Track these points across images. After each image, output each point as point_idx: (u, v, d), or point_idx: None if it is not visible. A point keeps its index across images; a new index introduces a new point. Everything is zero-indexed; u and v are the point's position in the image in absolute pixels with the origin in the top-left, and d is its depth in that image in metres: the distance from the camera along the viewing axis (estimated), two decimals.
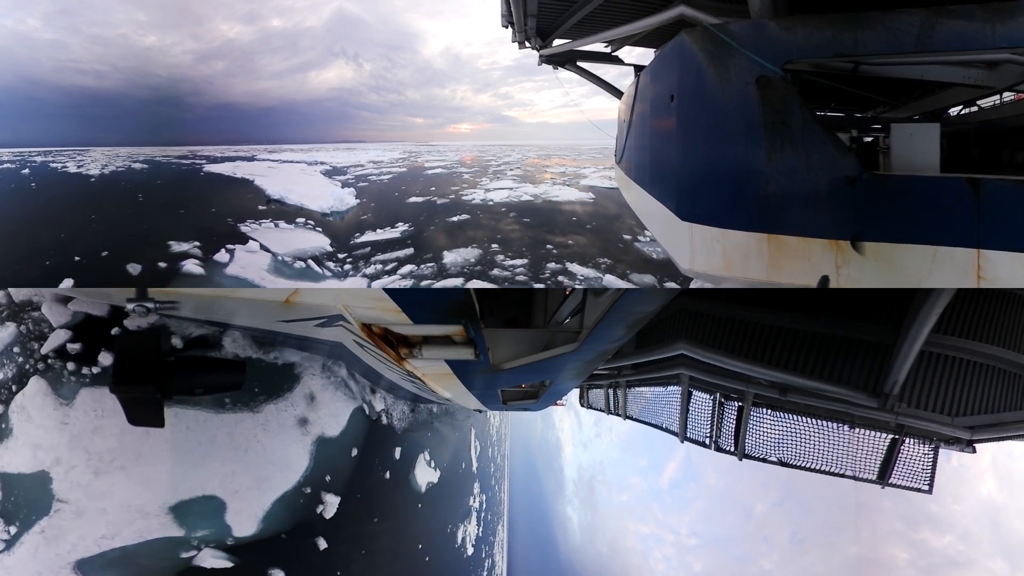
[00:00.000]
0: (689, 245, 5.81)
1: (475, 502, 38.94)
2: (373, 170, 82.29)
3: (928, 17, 4.70)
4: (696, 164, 5.77)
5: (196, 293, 6.33)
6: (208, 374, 5.47)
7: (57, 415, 16.48)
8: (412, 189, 60.18)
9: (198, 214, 38.97)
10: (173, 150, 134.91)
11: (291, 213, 41.66)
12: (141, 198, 47.78)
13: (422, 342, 6.35)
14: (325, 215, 42.47)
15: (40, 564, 16.26)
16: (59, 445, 16.32)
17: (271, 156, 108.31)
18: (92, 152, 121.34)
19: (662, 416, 12.51)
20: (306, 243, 32.45)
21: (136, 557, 17.23)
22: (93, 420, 16.63)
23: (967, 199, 4.32)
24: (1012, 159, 7.84)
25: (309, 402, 17.69)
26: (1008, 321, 8.74)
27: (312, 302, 6.17)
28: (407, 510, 24.24)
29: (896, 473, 9.44)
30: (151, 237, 31.61)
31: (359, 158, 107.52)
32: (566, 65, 12.73)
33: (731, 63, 5.11)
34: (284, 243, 31.54)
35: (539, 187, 63.49)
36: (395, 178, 72.23)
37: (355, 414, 19.78)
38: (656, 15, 7.86)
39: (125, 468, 16.66)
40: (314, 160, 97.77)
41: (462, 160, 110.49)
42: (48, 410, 16.37)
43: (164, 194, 51.06)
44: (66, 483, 16.30)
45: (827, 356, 8.63)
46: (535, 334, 8.37)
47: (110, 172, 71.42)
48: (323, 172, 74.26)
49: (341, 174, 74.13)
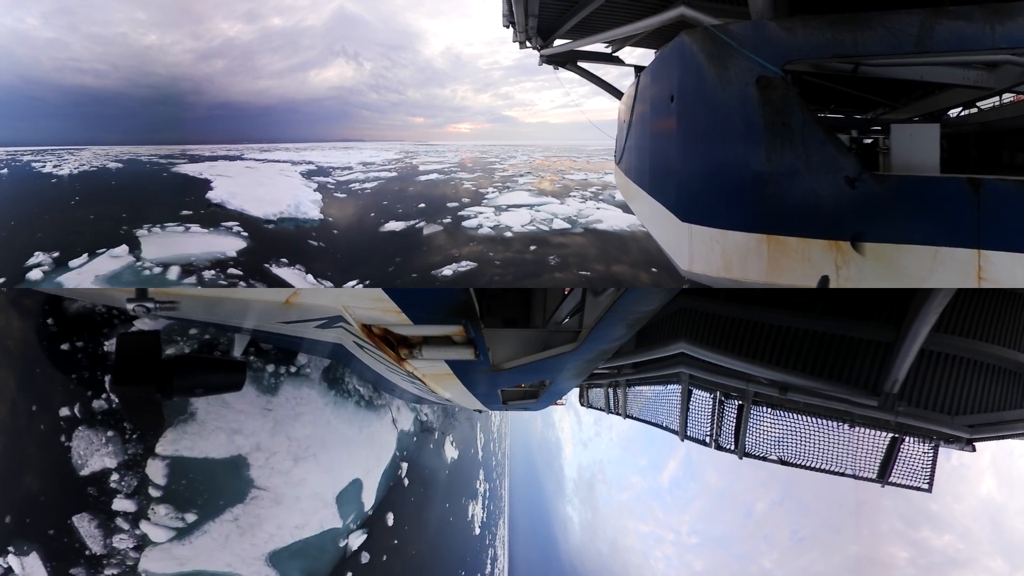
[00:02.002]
0: (689, 246, 5.82)
1: (481, 487, 43.65)
2: (360, 174, 71.26)
3: (928, 18, 4.70)
4: (696, 165, 5.77)
5: (196, 293, 6.34)
6: (209, 374, 5.46)
7: (260, 401, 17.18)
8: (396, 204, 46.57)
9: (107, 219, 34.78)
10: (166, 149, 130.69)
11: (221, 218, 36.15)
12: (75, 200, 43.92)
13: (422, 342, 6.35)
14: (270, 222, 36.71)
15: (231, 555, 16.42)
16: (261, 431, 16.86)
17: (260, 155, 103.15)
18: (86, 151, 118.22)
19: (662, 415, 12.53)
20: (201, 248, 27.85)
21: (310, 549, 18.05)
22: (295, 407, 17.79)
23: (967, 199, 4.32)
24: (1012, 160, 7.84)
25: (397, 410, 24.59)
26: (1008, 320, 8.75)
27: (312, 303, 6.17)
28: (441, 476, 31.54)
29: (896, 472, 9.45)
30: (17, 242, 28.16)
31: (351, 159, 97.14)
32: (566, 65, 12.73)
33: (731, 63, 5.11)
34: (167, 247, 27.57)
35: (567, 204, 48.14)
36: (381, 186, 59.42)
37: (416, 418, 27.54)
38: (656, 16, 7.87)
39: (316, 456, 18.03)
40: (303, 160, 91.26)
41: (462, 162, 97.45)
42: (250, 396, 17.02)
43: (106, 195, 47.13)
44: (266, 470, 16.93)
45: (827, 355, 8.64)
46: (535, 334, 8.38)
47: (79, 172, 67.46)
48: (306, 173, 68.00)
49: (324, 175, 67.73)
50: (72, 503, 14.81)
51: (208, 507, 16.39)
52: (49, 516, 14.36)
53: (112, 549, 15.35)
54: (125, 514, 15.54)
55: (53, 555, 14.32)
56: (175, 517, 15.94)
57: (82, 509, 14.92)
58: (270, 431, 17.22)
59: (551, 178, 69.05)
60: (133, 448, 15.59)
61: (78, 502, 14.90)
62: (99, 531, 15.12)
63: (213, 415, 16.47)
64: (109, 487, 15.37)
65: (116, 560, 15.34)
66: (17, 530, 13.71)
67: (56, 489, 14.56)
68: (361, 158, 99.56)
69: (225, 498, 16.63)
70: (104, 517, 15.25)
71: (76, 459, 14.70)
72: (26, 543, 13.90)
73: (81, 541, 14.87)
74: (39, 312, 14.20)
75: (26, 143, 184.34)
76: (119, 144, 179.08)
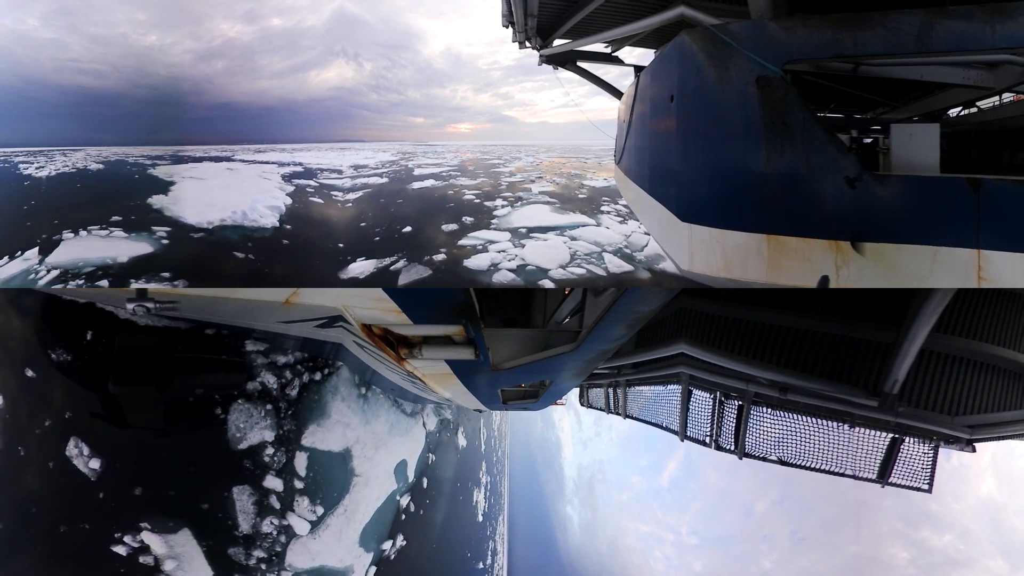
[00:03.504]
0: (689, 246, 5.82)
1: (484, 477, 45.77)
2: (349, 179, 62.13)
3: (928, 18, 4.70)
4: (696, 164, 5.77)
5: (196, 293, 6.32)
6: (209, 374, 5.47)
7: (357, 404, 19.72)
8: (375, 226, 35.23)
9: (45, 223, 32.82)
10: (160, 149, 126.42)
11: (154, 223, 33.35)
12: (30, 204, 41.09)
13: (422, 342, 6.36)
14: (202, 230, 32.72)
15: (343, 548, 18.21)
16: (358, 425, 19.51)
17: (250, 157, 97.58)
18: (80, 152, 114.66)
19: (662, 415, 12.53)
20: (103, 253, 26.02)
21: (380, 516, 21.21)
22: (374, 410, 21.05)
23: (967, 199, 4.32)
24: (1012, 160, 7.84)
25: (427, 416, 28.54)
26: (1008, 321, 8.74)
27: (312, 303, 6.17)
28: (455, 457, 35.96)
29: (896, 472, 9.44)
30: None
31: (344, 160, 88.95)
32: (566, 65, 12.74)
33: (731, 63, 5.11)
34: (76, 251, 26.13)
35: (605, 224, 34.70)
36: (362, 199, 47.33)
37: (439, 420, 31.95)
38: (656, 15, 7.88)
39: (385, 443, 21.51)
40: (293, 161, 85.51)
41: (463, 164, 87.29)
42: (352, 397, 19.54)
43: (61, 199, 44.14)
44: (361, 458, 19.55)
45: (827, 356, 8.64)
46: (535, 334, 8.38)
47: (55, 174, 64.22)
48: (289, 176, 61.96)
49: (309, 176, 61.91)
50: (229, 476, 15.39)
51: (328, 499, 17.89)
52: (204, 489, 14.79)
53: (259, 532, 15.91)
54: (276, 493, 16.30)
55: (205, 533, 14.66)
56: (311, 510, 17.17)
57: (241, 482, 15.52)
58: (364, 425, 20.04)
59: (569, 184, 57.05)
60: (288, 424, 16.58)
61: (235, 475, 15.51)
62: (253, 507, 15.68)
63: (337, 410, 18.43)
64: (263, 461, 16.01)
65: (266, 545, 15.89)
66: (160, 506, 13.87)
67: (209, 463, 15.01)
68: (355, 160, 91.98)
69: (338, 489, 18.44)
70: (259, 494, 15.89)
71: (233, 432, 15.21)
72: (172, 520, 14.11)
73: (233, 519, 15.38)
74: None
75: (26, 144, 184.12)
76: (118, 145, 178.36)
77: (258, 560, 15.81)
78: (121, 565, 13.09)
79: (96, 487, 12.61)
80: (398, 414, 22.93)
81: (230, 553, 15.17)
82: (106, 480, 12.67)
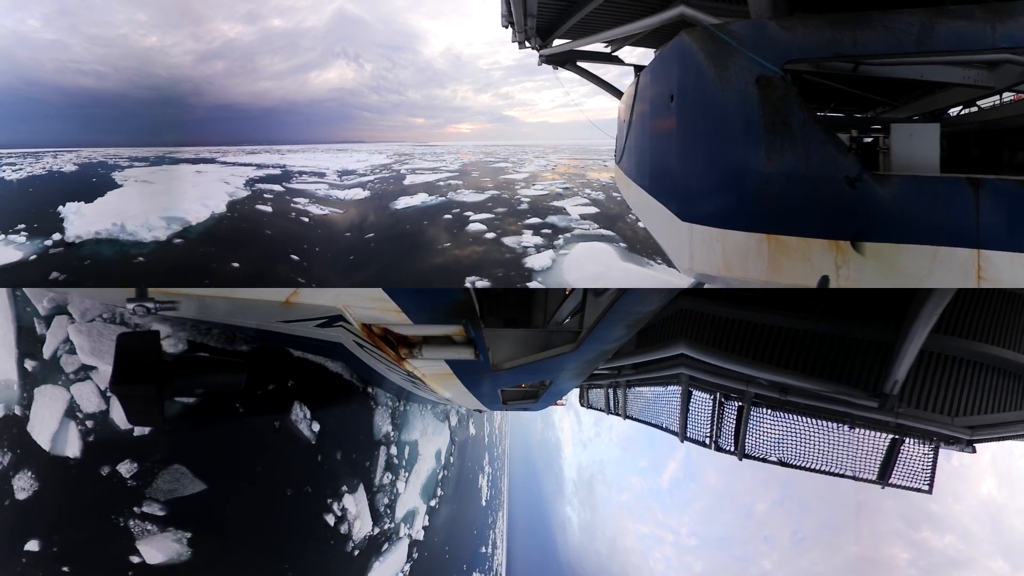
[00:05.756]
0: (689, 245, 5.81)
1: (487, 467, 49.12)
2: (326, 184, 55.90)
3: (928, 17, 4.70)
4: (696, 164, 5.77)
5: (196, 293, 6.32)
6: (209, 374, 5.47)
7: (419, 409, 27.07)
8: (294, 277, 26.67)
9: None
10: (154, 151, 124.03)
11: (52, 231, 32.07)
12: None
13: (422, 342, 6.35)
14: (69, 244, 30.29)
15: (412, 498, 25.54)
16: (419, 426, 26.67)
17: (235, 159, 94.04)
18: (72, 153, 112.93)
19: (662, 416, 12.52)
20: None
21: (428, 484, 28.02)
22: (419, 411, 27.46)
23: (967, 199, 4.32)
24: (1012, 159, 7.83)
25: (451, 416, 33.57)
26: (1008, 321, 8.73)
27: (312, 302, 6.16)
28: (467, 444, 40.78)
29: (896, 473, 9.44)
30: None
31: (333, 164, 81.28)
32: (566, 65, 12.73)
33: (731, 63, 5.10)
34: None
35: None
36: (322, 222, 38.43)
37: (459, 418, 37.20)
38: (656, 15, 7.88)
39: (430, 434, 28.02)
40: (277, 164, 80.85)
41: (464, 168, 74.90)
42: (423, 407, 27.64)
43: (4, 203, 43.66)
44: (422, 444, 27.16)
45: (827, 356, 8.63)
46: (535, 334, 8.37)
47: (26, 177, 62.25)
48: (251, 180, 57.95)
49: (278, 181, 57.70)
50: (376, 448, 21.13)
51: (409, 469, 24.48)
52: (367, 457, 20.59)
53: (382, 485, 21.70)
54: (392, 461, 22.64)
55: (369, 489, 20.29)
56: (404, 475, 23.97)
57: (379, 453, 21.33)
58: (421, 425, 26.95)
59: (610, 200, 40.78)
60: (397, 422, 23.52)
61: (376, 448, 21.20)
62: (381, 469, 21.44)
63: (413, 418, 25.68)
64: (386, 441, 22.02)
65: (386, 491, 22.05)
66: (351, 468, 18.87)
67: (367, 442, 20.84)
68: (346, 163, 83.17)
69: (413, 463, 25.30)
70: (387, 459, 22.03)
71: (377, 424, 21.29)
72: (354, 479, 18.90)
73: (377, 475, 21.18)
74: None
75: (25, 145, 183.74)
76: (117, 146, 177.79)
77: (384, 506, 21.87)
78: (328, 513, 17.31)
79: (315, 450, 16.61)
80: (435, 419, 29.72)
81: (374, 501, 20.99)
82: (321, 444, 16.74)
